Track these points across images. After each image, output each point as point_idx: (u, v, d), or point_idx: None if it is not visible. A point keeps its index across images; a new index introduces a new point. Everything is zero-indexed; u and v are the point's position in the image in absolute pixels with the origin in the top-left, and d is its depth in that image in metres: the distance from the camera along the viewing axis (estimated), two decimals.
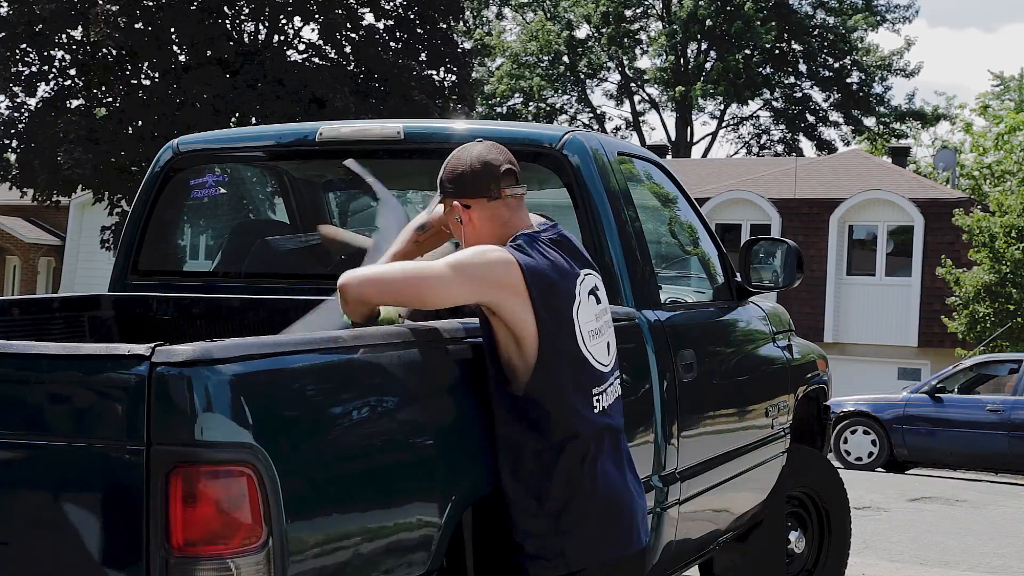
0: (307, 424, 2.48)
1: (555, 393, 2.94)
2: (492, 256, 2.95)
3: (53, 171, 20.59)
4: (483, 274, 2.93)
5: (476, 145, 3.15)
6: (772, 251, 5.19)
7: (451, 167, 3.13)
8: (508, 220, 3.08)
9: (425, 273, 2.95)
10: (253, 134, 5.32)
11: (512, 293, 2.91)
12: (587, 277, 3.11)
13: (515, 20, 48.23)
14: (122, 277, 4.66)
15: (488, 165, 3.09)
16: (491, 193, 3.07)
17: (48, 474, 2.37)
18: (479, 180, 3.08)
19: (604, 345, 3.09)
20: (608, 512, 2.99)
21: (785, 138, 46.67)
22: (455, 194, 3.10)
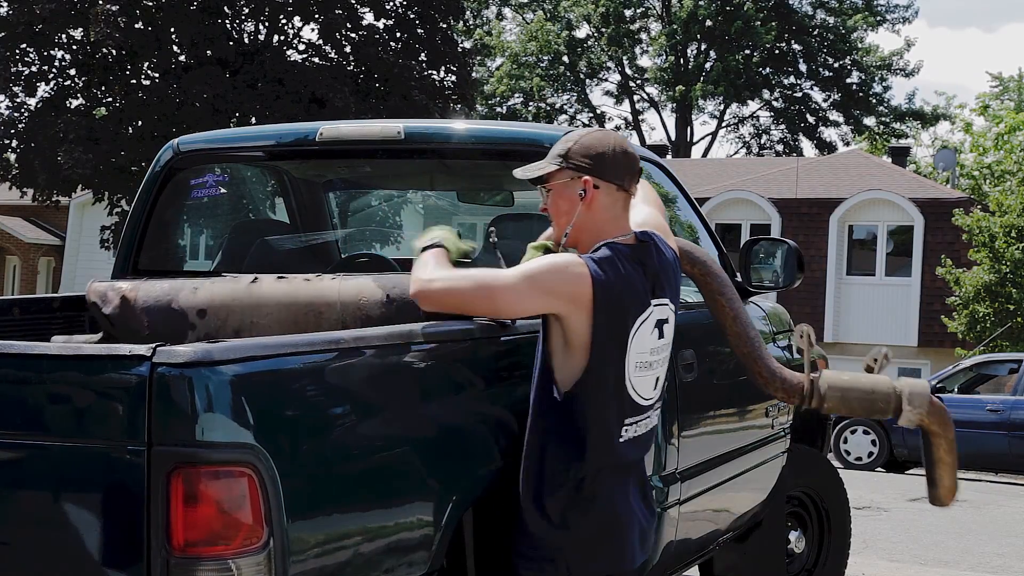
0: (308, 425, 2.48)
1: (589, 410, 2.89)
2: (567, 269, 2.88)
3: (53, 171, 20.58)
4: (555, 287, 2.86)
5: (613, 133, 3.08)
6: (772, 251, 5.19)
7: (588, 143, 3.00)
8: (618, 217, 3.01)
9: (497, 284, 2.89)
10: (253, 134, 5.32)
11: (578, 306, 2.85)
12: (658, 308, 3.00)
13: (515, 20, 48.23)
14: (122, 277, 4.66)
15: (629, 156, 3.03)
16: (625, 184, 3.01)
17: (49, 474, 2.37)
18: (620, 166, 3.00)
19: (652, 379, 3.02)
20: (608, 530, 2.96)
21: (785, 138, 46.66)
22: (591, 170, 2.98)
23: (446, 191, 6.19)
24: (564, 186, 3.00)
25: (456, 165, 4.80)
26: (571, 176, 2.98)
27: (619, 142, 3.03)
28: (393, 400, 2.75)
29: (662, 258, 3.04)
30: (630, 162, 3.01)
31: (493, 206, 5.45)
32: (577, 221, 2.98)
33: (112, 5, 20.10)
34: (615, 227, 2.99)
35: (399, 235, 8.75)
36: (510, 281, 2.88)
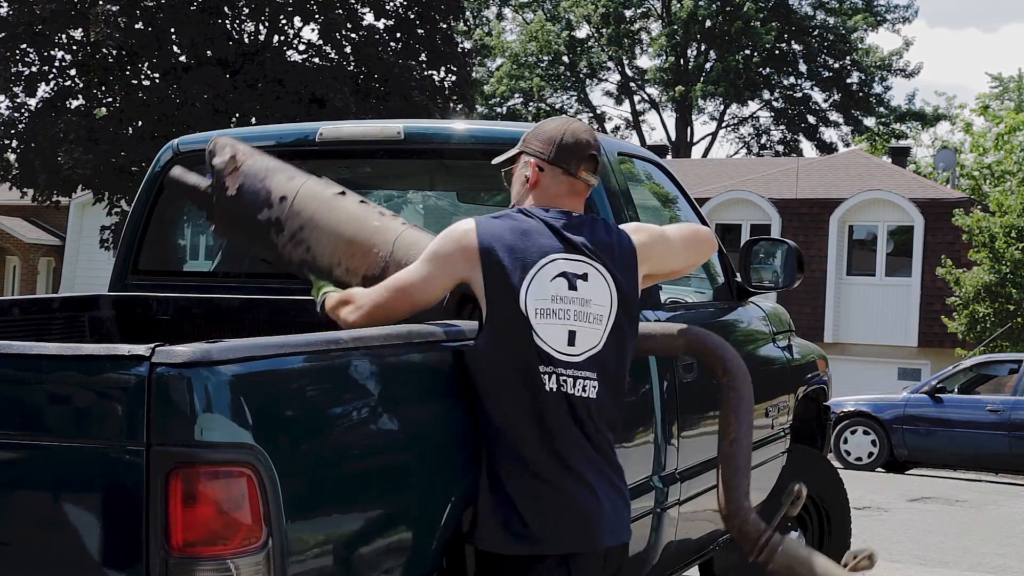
0: (307, 425, 2.48)
1: (498, 357, 2.90)
2: (454, 229, 3.05)
3: (53, 171, 20.59)
4: (449, 253, 3.01)
5: (575, 121, 3.22)
6: (772, 251, 5.19)
7: (544, 129, 3.20)
8: (560, 196, 3.13)
9: (405, 280, 3.08)
10: (253, 134, 5.32)
11: (470, 261, 2.97)
12: (567, 261, 2.98)
13: (515, 20, 48.25)
14: (122, 277, 4.66)
15: (580, 143, 3.15)
16: (571, 167, 3.13)
17: (48, 475, 2.37)
18: (567, 151, 3.14)
19: (563, 331, 2.91)
20: (562, 503, 2.86)
21: (785, 138, 46.67)
22: (540, 154, 3.15)
23: (446, 191, 6.19)
24: (517, 168, 3.20)
25: (456, 165, 4.81)
26: (524, 160, 3.17)
27: (574, 129, 3.16)
28: (392, 400, 2.75)
29: (596, 229, 3.08)
30: (580, 148, 3.13)
31: (493, 206, 5.45)
32: (520, 200, 3.16)
33: (112, 5, 20.11)
34: (555, 205, 3.11)
35: None
36: (414, 269, 3.07)
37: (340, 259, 3.45)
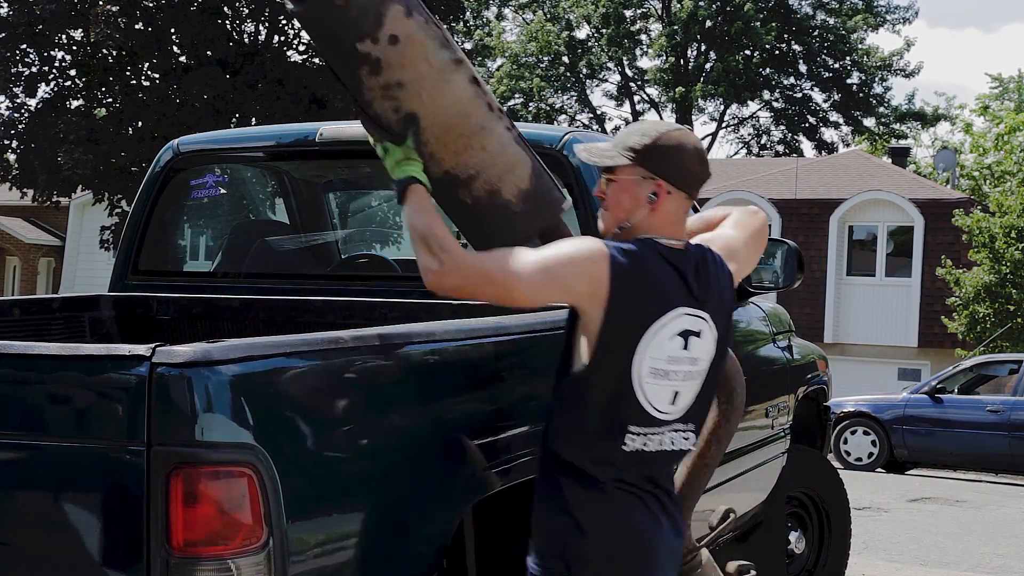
0: (307, 424, 2.48)
1: (592, 402, 2.73)
2: (587, 260, 2.69)
3: (53, 171, 20.58)
4: (572, 284, 2.69)
5: (692, 134, 2.88)
6: (772, 251, 5.19)
7: (669, 144, 2.81)
8: (677, 224, 2.84)
9: (512, 279, 2.70)
10: (253, 134, 5.32)
11: (595, 300, 2.68)
12: (688, 317, 2.76)
13: (515, 20, 48.24)
14: (122, 277, 4.67)
15: (705, 165, 2.86)
16: (694, 193, 2.84)
17: (49, 475, 2.37)
18: (694, 176, 2.83)
19: (669, 392, 2.77)
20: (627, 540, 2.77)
21: (785, 138, 46.66)
22: (666, 175, 2.79)
23: None
24: (633, 183, 2.80)
25: None
26: (643, 175, 2.80)
27: (699, 148, 2.84)
28: (393, 400, 2.75)
29: (710, 272, 2.83)
30: (705, 171, 2.85)
31: None
32: (636, 222, 2.80)
33: (112, 5, 20.10)
34: (669, 233, 2.81)
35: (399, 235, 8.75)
36: (526, 273, 2.69)
37: (428, 140, 2.94)
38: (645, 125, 2.88)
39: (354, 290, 4.30)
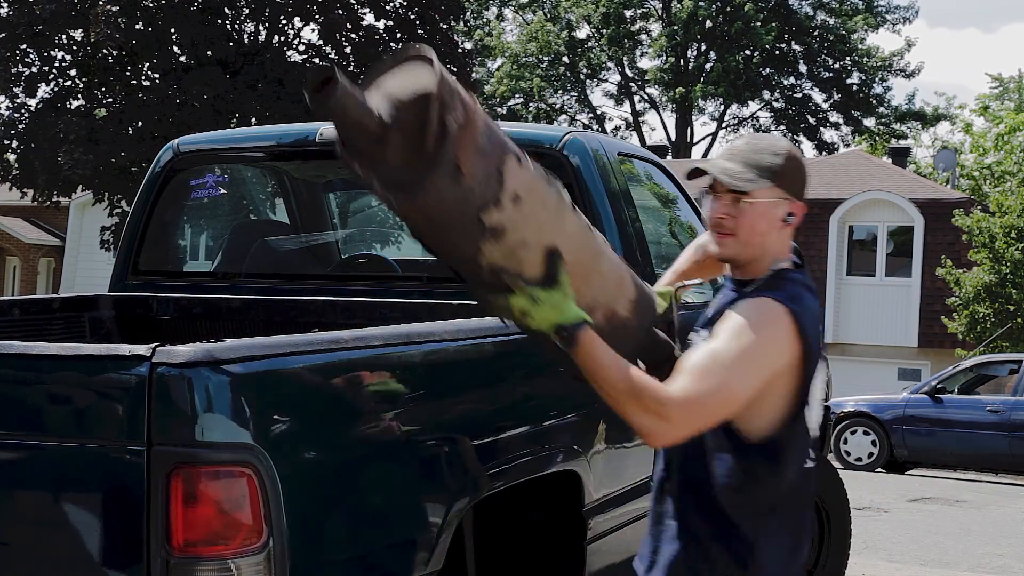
0: (307, 425, 2.48)
1: (787, 452, 2.64)
2: (781, 335, 2.56)
3: (53, 171, 20.58)
4: (776, 365, 2.55)
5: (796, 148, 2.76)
6: None
7: (796, 164, 2.70)
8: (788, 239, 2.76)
9: (724, 391, 2.49)
10: (253, 134, 5.32)
11: (791, 364, 2.58)
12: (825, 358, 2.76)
13: (515, 21, 48.24)
14: (122, 277, 4.67)
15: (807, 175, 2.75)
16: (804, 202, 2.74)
17: (49, 475, 2.37)
18: (803, 187, 2.73)
19: (819, 411, 2.74)
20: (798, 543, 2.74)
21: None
22: (799, 194, 2.70)
23: None
24: (771, 206, 2.66)
25: None
26: (780, 196, 2.67)
27: (801, 158, 2.77)
28: (393, 400, 2.75)
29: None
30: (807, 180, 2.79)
31: None
32: (768, 246, 2.69)
33: (112, 5, 20.10)
34: (787, 253, 2.76)
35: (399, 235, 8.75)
36: (738, 379, 2.50)
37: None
38: (765, 141, 2.73)
39: (354, 290, 4.30)
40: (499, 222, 2.34)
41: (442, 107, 2.23)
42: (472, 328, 3.08)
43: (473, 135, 2.29)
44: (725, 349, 2.52)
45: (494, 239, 2.36)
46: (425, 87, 2.26)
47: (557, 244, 2.45)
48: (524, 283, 2.40)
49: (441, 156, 2.23)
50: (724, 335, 2.55)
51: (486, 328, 3.14)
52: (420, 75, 2.29)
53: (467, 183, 2.26)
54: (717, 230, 2.68)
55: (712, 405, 2.48)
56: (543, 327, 2.41)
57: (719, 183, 2.65)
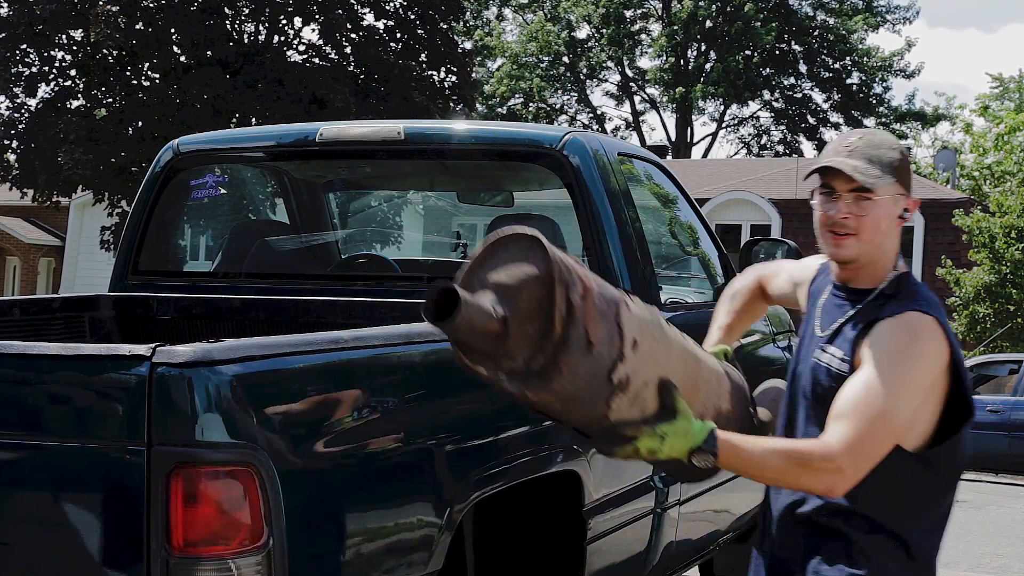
0: (307, 425, 2.48)
1: (952, 460, 2.57)
2: (926, 339, 2.48)
3: (53, 171, 20.57)
4: (930, 374, 2.47)
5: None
6: (772, 252, 5.20)
7: (906, 158, 2.61)
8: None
9: (888, 422, 2.41)
10: (253, 135, 5.33)
11: (941, 378, 2.50)
12: None
13: (515, 21, 48.23)
14: (122, 277, 4.66)
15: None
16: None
17: (49, 475, 2.37)
18: (911, 181, 2.65)
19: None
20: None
21: (785, 139, 46.67)
22: (911, 189, 2.62)
23: (446, 192, 6.19)
24: (892, 202, 2.58)
25: (456, 166, 4.81)
26: (898, 192, 2.59)
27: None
28: (393, 400, 2.75)
29: None
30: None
31: (493, 206, 5.45)
32: (889, 246, 2.62)
33: (112, 6, 20.10)
34: (897, 248, 2.68)
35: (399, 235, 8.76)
36: (900, 405, 2.43)
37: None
38: (879, 136, 2.63)
39: (354, 290, 4.30)
40: (624, 374, 2.28)
41: (564, 287, 2.16)
42: None
43: (594, 302, 2.22)
44: (882, 378, 2.42)
45: (621, 392, 2.30)
46: (538, 271, 2.18)
47: (668, 372, 2.39)
48: (646, 424, 2.34)
49: (572, 335, 2.16)
50: (879, 362, 2.45)
51: None
52: (527, 257, 2.21)
53: (596, 351, 2.20)
54: (838, 231, 2.56)
55: (880, 440, 2.41)
56: (676, 455, 2.35)
57: (838, 181, 2.54)
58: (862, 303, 2.58)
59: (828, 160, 2.56)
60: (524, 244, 2.20)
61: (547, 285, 2.16)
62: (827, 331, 2.61)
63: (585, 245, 4.09)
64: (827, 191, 2.57)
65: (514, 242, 2.22)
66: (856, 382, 2.46)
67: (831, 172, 2.55)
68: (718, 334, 3.03)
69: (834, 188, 2.56)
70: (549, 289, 2.16)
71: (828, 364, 2.56)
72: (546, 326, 2.16)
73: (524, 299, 2.17)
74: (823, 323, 2.64)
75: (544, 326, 2.16)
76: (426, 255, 6.39)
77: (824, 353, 2.58)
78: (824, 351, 2.58)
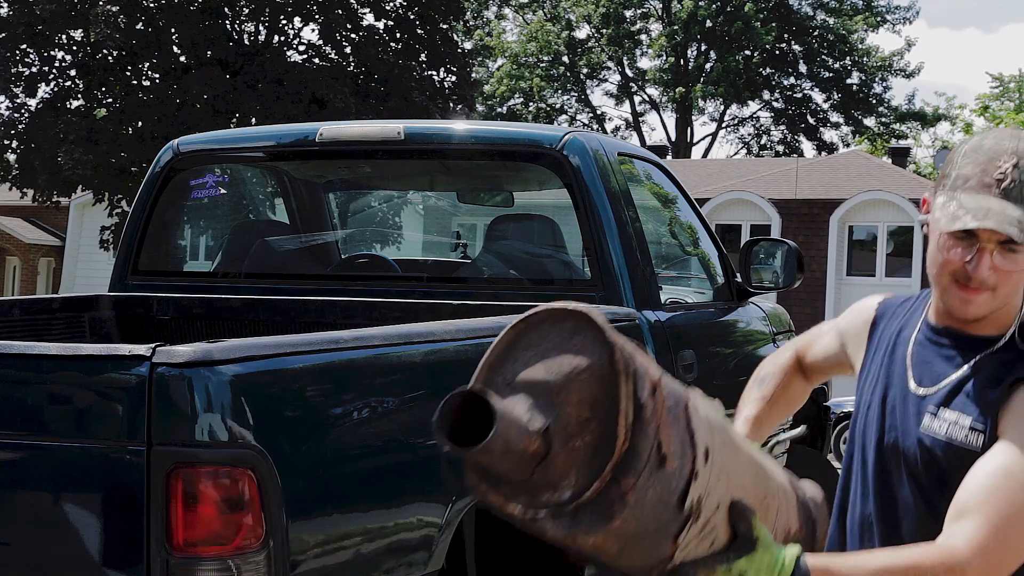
0: (307, 424, 2.48)
1: None
2: None
3: (53, 172, 20.59)
4: None
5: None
6: (772, 252, 5.19)
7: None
8: None
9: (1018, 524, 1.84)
10: (253, 135, 5.33)
11: None
12: None
13: (515, 20, 48.25)
14: (122, 277, 4.67)
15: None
16: None
17: (49, 475, 2.37)
18: None
19: None
20: None
21: (785, 138, 46.69)
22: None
23: (446, 191, 6.19)
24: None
25: (456, 166, 4.81)
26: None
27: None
28: (393, 400, 2.75)
29: None
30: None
31: (493, 206, 5.45)
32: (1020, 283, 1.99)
33: (112, 5, 20.12)
34: None
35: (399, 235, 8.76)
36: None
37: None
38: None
39: (354, 290, 4.30)
40: (697, 497, 1.68)
41: (631, 381, 1.55)
42: (472, 328, 3.08)
43: (662, 398, 1.59)
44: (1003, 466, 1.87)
45: (693, 521, 1.70)
46: (591, 360, 1.57)
47: (740, 489, 1.80)
48: (719, 562, 1.75)
49: (641, 447, 1.55)
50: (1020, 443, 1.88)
51: (486, 328, 3.14)
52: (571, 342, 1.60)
53: (669, 468, 1.61)
54: (973, 286, 1.96)
55: (1020, 540, 1.85)
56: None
57: (987, 235, 1.92)
58: (982, 354, 2.01)
59: (984, 219, 1.90)
60: (566, 325, 1.60)
61: (607, 380, 1.55)
62: (934, 389, 2.04)
63: (585, 245, 4.09)
64: (968, 239, 1.94)
65: (551, 323, 1.62)
66: (993, 466, 1.88)
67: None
68: (744, 427, 2.35)
69: (977, 235, 1.93)
70: (610, 386, 1.55)
71: (949, 437, 1.98)
72: (604, 438, 1.55)
73: (573, 402, 1.56)
74: (922, 378, 2.06)
75: (601, 438, 1.55)
76: (426, 255, 6.40)
77: (937, 420, 2.01)
78: (937, 417, 2.01)
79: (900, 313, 2.20)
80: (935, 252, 2.00)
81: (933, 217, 2.01)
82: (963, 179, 1.96)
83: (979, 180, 1.94)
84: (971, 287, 1.96)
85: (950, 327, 2.06)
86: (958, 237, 1.95)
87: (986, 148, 1.97)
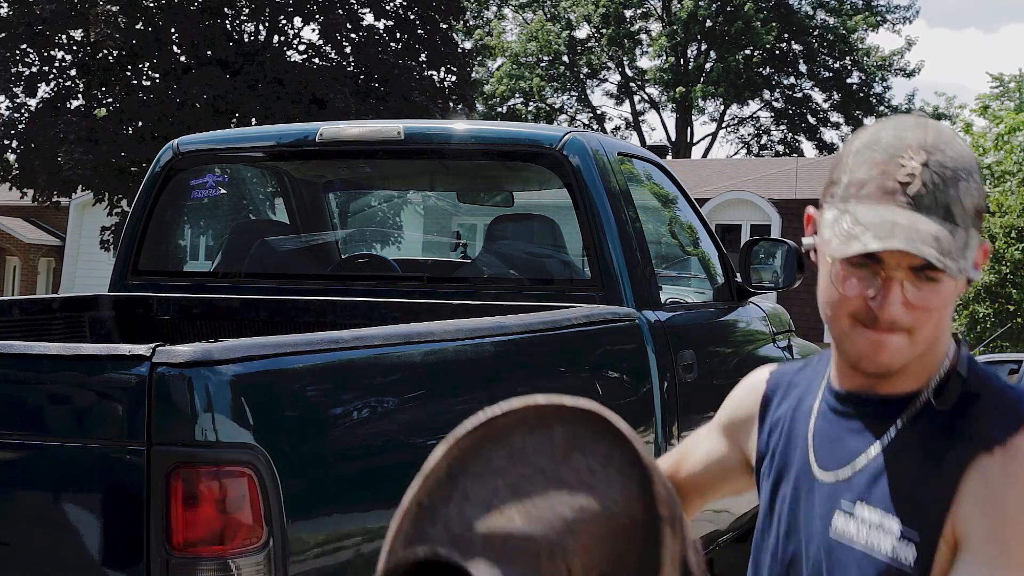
0: (307, 424, 2.48)
1: None
2: None
3: (53, 171, 20.59)
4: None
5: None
6: (772, 251, 5.19)
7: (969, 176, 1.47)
8: None
9: None
10: (253, 134, 5.33)
11: None
12: None
13: (515, 20, 48.24)
14: (122, 277, 4.67)
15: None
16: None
17: (49, 474, 2.37)
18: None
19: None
20: None
21: (785, 138, 46.69)
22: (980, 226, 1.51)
23: (446, 191, 6.19)
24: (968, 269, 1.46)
25: (456, 166, 4.81)
26: (980, 246, 1.50)
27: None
28: (393, 400, 2.75)
29: None
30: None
31: (493, 206, 5.45)
32: (947, 323, 1.53)
33: (112, 5, 20.11)
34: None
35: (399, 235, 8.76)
36: None
37: None
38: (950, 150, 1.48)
39: (354, 290, 4.30)
40: None
41: (677, 532, 1.12)
42: (472, 328, 3.08)
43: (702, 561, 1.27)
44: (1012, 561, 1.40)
45: None
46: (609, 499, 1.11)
47: None
48: None
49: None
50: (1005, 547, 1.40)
51: (486, 328, 3.14)
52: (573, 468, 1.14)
53: None
54: (881, 328, 1.48)
55: None
56: None
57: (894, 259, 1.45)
58: (900, 418, 1.53)
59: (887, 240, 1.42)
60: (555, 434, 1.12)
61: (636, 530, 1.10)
62: (848, 473, 1.55)
63: (585, 245, 4.09)
64: (869, 264, 1.47)
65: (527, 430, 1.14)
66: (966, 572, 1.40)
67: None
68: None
69: (881, 260, 1.46)
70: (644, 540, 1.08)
71: (870, 547, 1.49)
72: None
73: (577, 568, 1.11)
74: (829, 460, 1.58)
75: None
76: (426, 255, 6.40)
77: (853, 520, 1.52)
78: (853, 516, 1.52)
79: (799, 382, 1.70)
80: (827, 286, 1.52)
81: (821, 239, 1.52)
82: (857, 185, 1.48)
83: (878, 185, 1.46)
84: (886, 328, 1.47)
85: (856, 391, 1.57)
86: (855, 264, 1.47)
87: (884, 143, 1.48)
